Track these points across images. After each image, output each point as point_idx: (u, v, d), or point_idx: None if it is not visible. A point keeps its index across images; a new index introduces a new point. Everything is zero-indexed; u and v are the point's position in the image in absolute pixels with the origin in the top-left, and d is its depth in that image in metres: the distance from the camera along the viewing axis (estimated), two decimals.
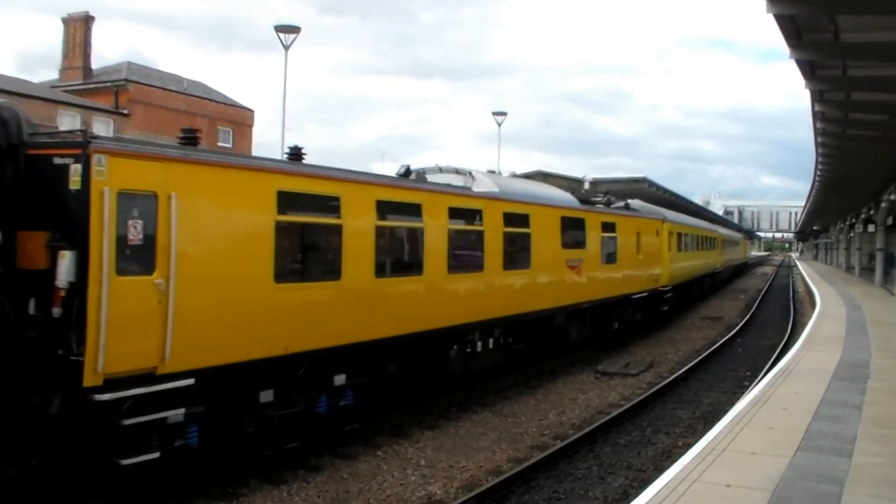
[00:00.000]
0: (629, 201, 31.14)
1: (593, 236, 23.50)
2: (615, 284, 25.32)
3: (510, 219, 18.35)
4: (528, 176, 25.58)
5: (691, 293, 42.77)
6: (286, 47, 33.34)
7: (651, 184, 45.14)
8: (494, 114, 50.17)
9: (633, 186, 42.99)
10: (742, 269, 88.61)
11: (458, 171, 18.34)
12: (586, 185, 37.33)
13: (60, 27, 53.90)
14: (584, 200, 24.65)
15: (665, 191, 49.40)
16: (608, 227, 24.96)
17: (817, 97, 23.08)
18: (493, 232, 17.71)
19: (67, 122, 43.08)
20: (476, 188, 17.89)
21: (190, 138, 11.43)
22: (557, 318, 21.22)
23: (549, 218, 20.71)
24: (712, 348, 26.88)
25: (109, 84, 51.30)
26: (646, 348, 27.34)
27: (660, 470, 11.57)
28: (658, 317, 32.14)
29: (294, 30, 33.66)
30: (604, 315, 25.08)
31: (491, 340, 17.99)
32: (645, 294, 28.50)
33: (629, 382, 20.89)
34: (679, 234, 35.38)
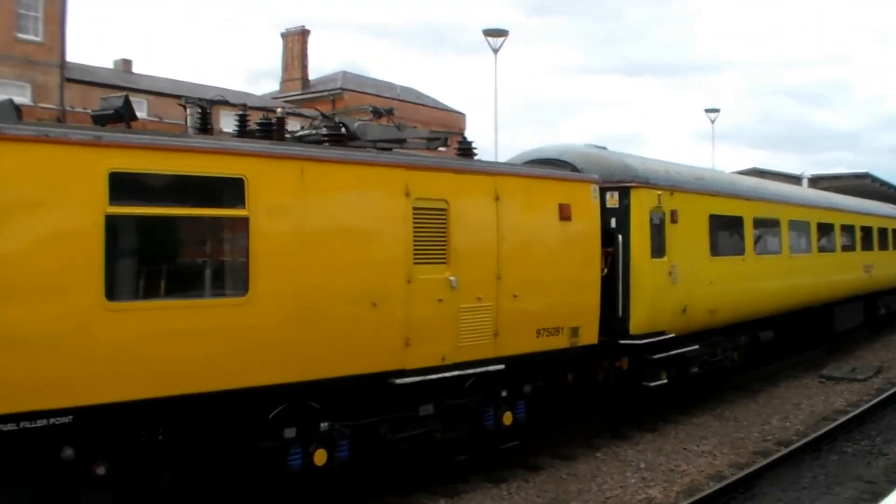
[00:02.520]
0: (562, 151, 15.18)
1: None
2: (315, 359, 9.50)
3: None
4: (742, 174, 23.75)
5: (831, 325, 24.04)
6: (495, 51, 34.13)
7: (874, 179, 42.76)
8: (707, 111, 49.39)
9: (855, 182, 40.95)
10: None
11: None
12: (804, 183, 35.75)
13: (280, 42, 57.46)
14: (206, 121, 10.31)
15: (891, 186, 46.62)
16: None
17: None
18: None
19: None
20: None
21: None
22: None
23: None
24: None
25: (326, 93, 54.09)
26: (873, 352, 25.94)
27: (893, 483, 11.16)
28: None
29: (502, 33, 34.40)
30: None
31: None
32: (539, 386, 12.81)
33: (856, 388, 19.95)
34: (725, 221, 17.41)
